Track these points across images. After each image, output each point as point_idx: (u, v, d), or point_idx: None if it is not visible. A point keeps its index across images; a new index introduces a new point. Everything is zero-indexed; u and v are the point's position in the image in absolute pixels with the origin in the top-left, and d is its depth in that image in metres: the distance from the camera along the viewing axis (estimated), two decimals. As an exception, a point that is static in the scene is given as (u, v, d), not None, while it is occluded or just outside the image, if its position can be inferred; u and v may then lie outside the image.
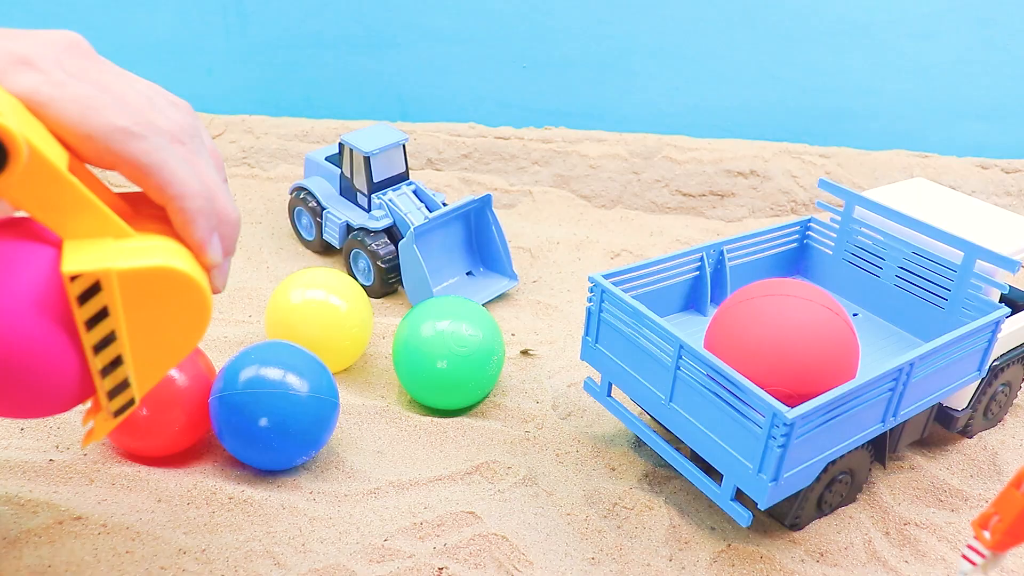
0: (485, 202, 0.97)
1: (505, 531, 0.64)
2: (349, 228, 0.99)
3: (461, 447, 0.73)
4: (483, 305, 0.92)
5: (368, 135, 0.99)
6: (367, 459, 0.71)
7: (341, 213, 0.99)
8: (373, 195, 0.98)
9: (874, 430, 0.63)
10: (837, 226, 0.81)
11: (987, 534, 0.48)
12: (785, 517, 0.64)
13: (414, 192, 0.99)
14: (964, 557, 0.51)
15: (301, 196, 1.03)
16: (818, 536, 0.65)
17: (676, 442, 0.72)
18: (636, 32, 1.32)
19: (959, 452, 0.75)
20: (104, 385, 0.40)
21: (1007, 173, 1.32)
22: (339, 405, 0.69)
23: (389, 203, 0.97)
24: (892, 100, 1.38)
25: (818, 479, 0.62)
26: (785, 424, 0.53)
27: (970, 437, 0.77)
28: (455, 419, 0.76)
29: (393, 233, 0.97)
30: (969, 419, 0.75)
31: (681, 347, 0.60)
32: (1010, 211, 0.78)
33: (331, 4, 1.34)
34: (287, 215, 1.11)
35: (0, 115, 0.33)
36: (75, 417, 0.72)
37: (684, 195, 1.26)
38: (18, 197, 0.36)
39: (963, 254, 0.70)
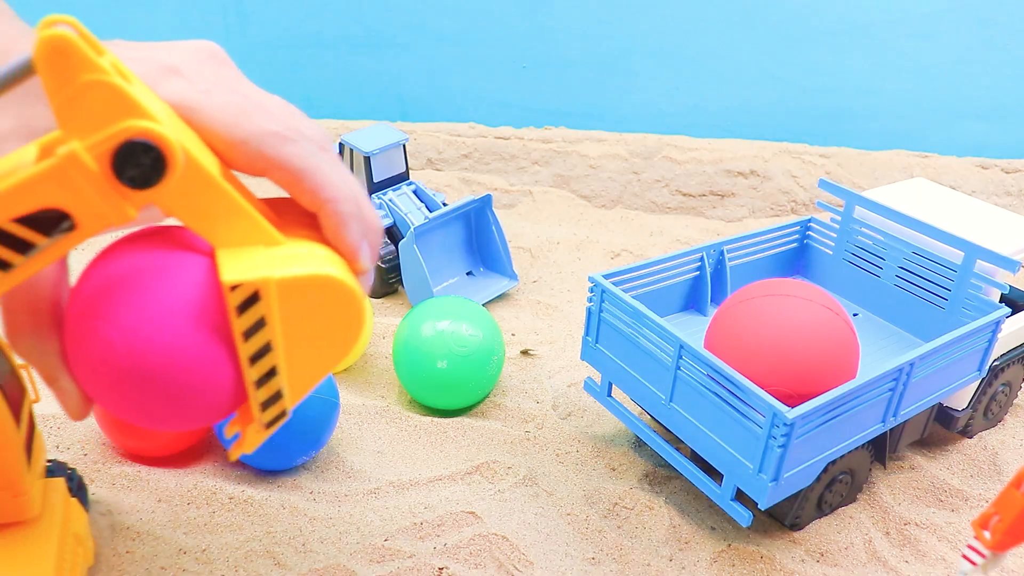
0: (485, 202, 0.97)
1: (505, 531, 0.64)
2: (349, 228, 0.99)
3: (461, 447, 0.73)
4: (483, 305, 0.92)
5: (368, 135, 0.99)
6: (367, 459, 0.71)
7: (341, 213, 0.99)
8: (373, 195, 0.98)
9: (874, 430, 0.63)
10: (837, 226, 0.81)
11: (987, 534, 0.49)
12: (785, 517, 0.64)
13: (414, 192, 0.99)
14: (964, 557, 0.51)
15: (301, 196, 1.03)
16: (818, 536, 0.65)
17: (676, 442, 0.72)
18: (636, 32, 1.32)
19: (959, 452, 0.75)
20: (258, 396, 0.39)
21: (1007, 173, 1.32)
22: (339, 405, 0.69)
23: (389, 203, 0.97)
24: (892, 100, 1.38)
25: (818, 479, 0.62)
26: (785, 424, 0.53)
27: (970, 437, 0.77)
28: (455, 419, 0.76)
29: (393, 233, 0.97)
30: (969, 419, 0.75)
31: (681, 347, 0.60)
32: (1010, 211, 0.78)
33: (331, 4, 1.34)
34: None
35: (158, 122, 0.33)
36: (75, 417, 0.72)
37: (684, 195, 1.26)
38: (173, 205, 0.36)
39: (963, 254, 0.70)
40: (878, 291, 0.78)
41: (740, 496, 0.61)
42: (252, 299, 0.36)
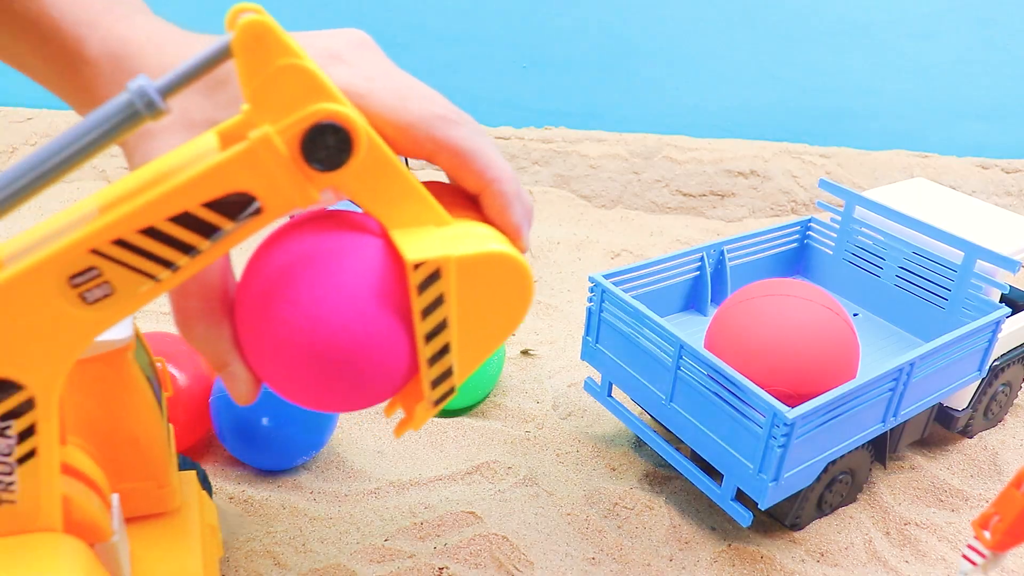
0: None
1: (505, 531, 0.64)
2: (349, 228, 0.99)
3: (461, 447, 0.73)
4: (483, 305, 0.92)
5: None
6: (367, 459, 0.71)
7: (341, 213, 0.99)
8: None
9: (874, 430, 0.63)
10: (837, 226, 0.81)
11: (987, 534, 0.49)
12: (785, 517, 0.64)
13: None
14: (964, 557, 0.51)
15: (301, 196, 1.03)
16: (818, 536, 0.65)
17: (676, 442, 0.72)
18: (636, 32, 1.32)
19: (959, 452, 0.75)
20: (430, 374, 0.40)
21: (1007, 173, 1.33)
22: None
23: (389, 203, 0.97)
24: (892, 100, 1.38)
25: (818, 479, 0.62)
26: (785, 424, 0.53)
27: (970, 437, 0.77)
28: (455, 419, 0.76)
29: (393, 233, 0.97)
30: (969, 419, 0.75)
31: (681, 347, 0.60)
32: (1010, 211, 0.78)
33: (330, 4, 1.34)
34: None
35: (346, 105, 0.34)
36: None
37: (684, 195, 1.26)
38: (353, 187, 0.36)
39: (963, 254, 0.70)
40: (878, 291, 0.78)
41: (740, 496, 0.61)
42: (433, 277, 0.37)
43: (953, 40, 1.34)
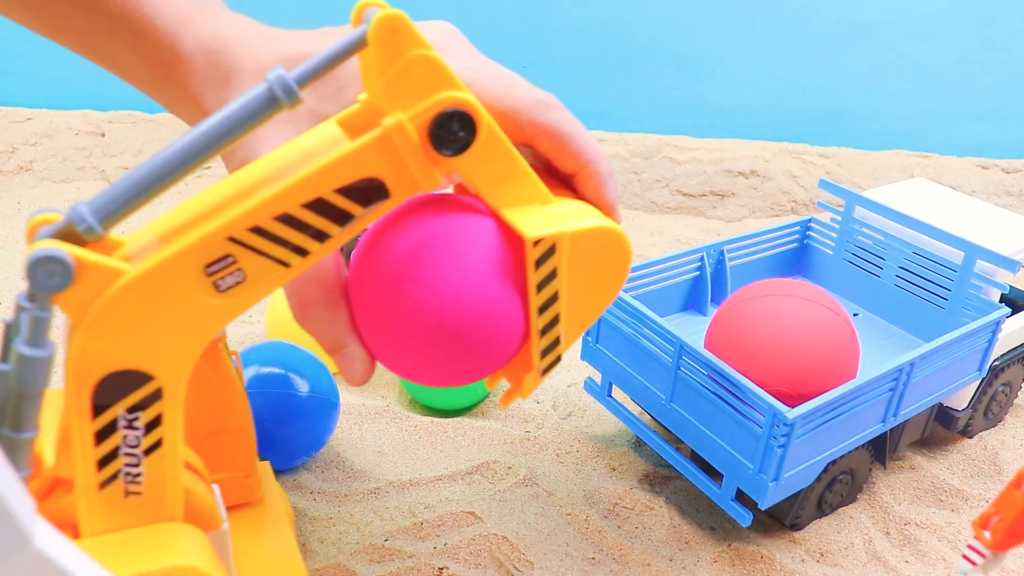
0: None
1: (505, 531, 0.64)
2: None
3: (461, 447, 0.73)
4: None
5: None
6: (367, 459, 0.71)
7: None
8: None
9: (874, 430, 0.63)
10: (837, 226, 0.81)
11: (987, 534, 0.49)
12: (785, 517, 0.64)
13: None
14: (964, 557, 0.51)
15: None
16: (818, 536, 0.65)
17: (676, 442, 0.72)
18: (636, 32, 1.32)
19: (959, 452, 0.75)
20: (540, 344, 0.42)
21: (1007, 173, 1.33)
22: (339, 405, 0.69)
23: (389, 203, 0.97)
24: (892, 100, 1.38)
25: (818, 479, 0.62)
26: (785, 424, 0.53)
27: (970, 437, 0.77)
28: (455, 419, 0.76)
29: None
30: (969, 419, 0.75)
31: (681, 347, 0.60)
32: (1010, 211, 0.78)
33: (331, 5, 1.34)
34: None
35: (469, 93, 0.36)
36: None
37: (684, 195, 1.26)
38: (471, 171, 0.38)
39: (963, 254, 0.70)
40: (878, 291, 0.78)
41: (740, 496, 0.61)
42: (549, 252, 0.39)
43: (953, 40, 1.34)
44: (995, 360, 0.72)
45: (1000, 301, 0.71)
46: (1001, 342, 0.71)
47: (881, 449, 0.68)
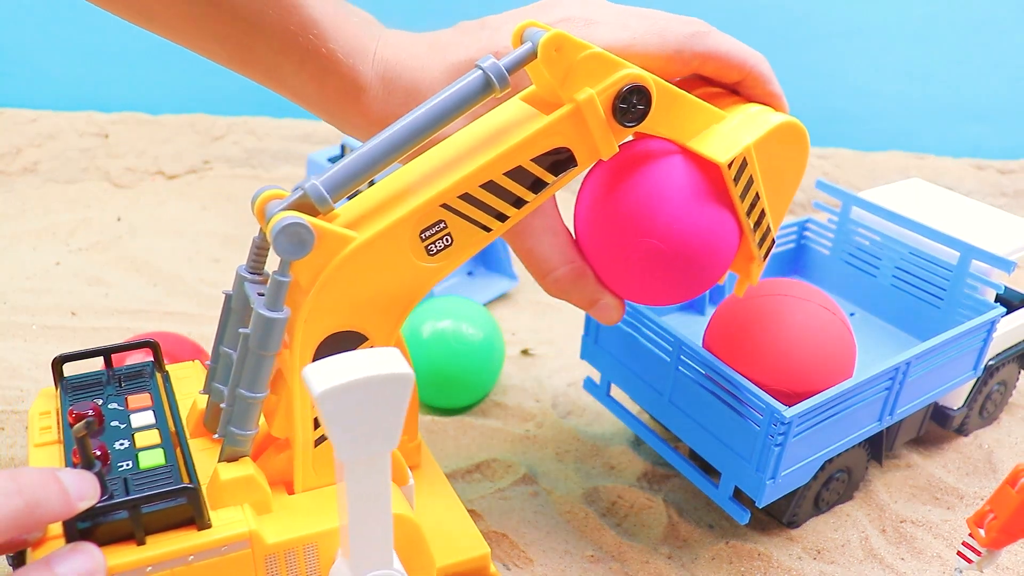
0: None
1: (505, 529, 0.64)
2: (350, 229, 0.99)
3: (461, 446, 0.74)
4: (483, 305, 0.93)
5: (369, 136, 1.00)
6: (369, 458, 0.71)
7: (342, 214, 1.00)
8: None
9: (871, 428, 0.64)
10: (834, 227, 0.81)
11: (982, 531, 0.49)
12: (783, 515, 0.65)
13: (415, 193, 1.00)
14: (960, 554, 0.51)
15: (302, 197, 1.04)
16: (815, 533, 0.66)
17: (675, 441, 0.73)
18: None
19: (955, 450, 0.76)
20: (755, 237, 0.50)
21: (1003, 174, 1.33)
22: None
23: (390, 204, 0.97)
24: (889, 101, 1.39)
25: (815, 477, 0.63)
26: (783, 423, 0.54)
27: (966, 435, 0.78)
28: (455, 418, 0.77)
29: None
30: (965, 417, 0.76)
31: (680, 346, 0.61)
32: (1006, 212, 0.79)
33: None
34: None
35: (637, 68, 0.43)
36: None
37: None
38: (652, 127, 0.45)
39: (959, 254, 0.71)
40: (875, 291, 0.79)
41: (738, 494, 0.61)
42: (743, 166, 0.46)
43: (949, 42, 1.35)
44: (990, 359, 0.73)
45: (995, 301, 0.72)
46: (996, 341, 0.71)
47: (877, 447, 0.69)
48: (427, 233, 0.41)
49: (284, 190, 0.40)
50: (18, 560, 0.45)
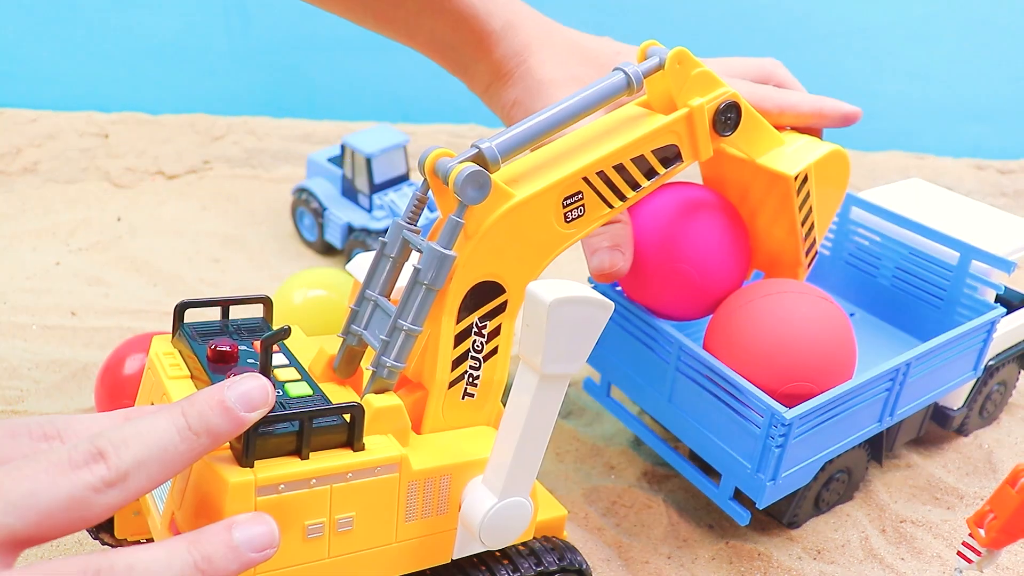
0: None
1: (506, 529, 0.64)
2: (351, 229, 1.00)
3: (462, 446, 0.74)
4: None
5: (369, 136, 1.00)
6: (369, 458, 0.72)
7: (343, 214, 1.00)
8: (374, 196, 0.99)
9: (871, 429, 0.64)
10: (834, 227, 0.81)
11: (982, 531, 0.49)
12: (783, 516, 0.65)
13: (415, 193, 1.00)
14: (960, 554, 0.51)
15: (303, 197, 1.04)
16: (815, 534, 0.66)
17: (675, 441, 0.73)
18: (635, 33, 1.33)
19: (955, 450, 0.76)
20: (804, 246, 0.62)
21: (1003, 174, 1.33)
22: None
23: (391, 204, 0.97)
24: (889, 101, 1.39)
25: (815, 478, 0.63)
26: (783, 424, 0.54)
27: (966, 435, 0.78)
28: (456, 418, 0.77)
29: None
30: (965, 418, 0.76)
31: (680, 348, 0.61)
32: (1006, 212, 0.79)
33: (332, 6, 1.34)
34: (289, 216, 1.12)
35: (728, 87, 0.53)
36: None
37: (683, 196, 1.27)
38: (736, 143, 0.56)
39: (959, 255, 0.71)
40: (875, 291, 0.79)
41: (738, 495, 0.61)
42: (804, 180, 0.58)
43: (949, 42, 1.35)
44: (990, 359, 0.73)
45: (995, 301, 0.72)
46: (996, 342, 0.71)
47: (878, 448, 0.69)
48: (568, 201, 0.48)
49: (451, 151, 0.45)
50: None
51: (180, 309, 0.49)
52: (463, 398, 0.48)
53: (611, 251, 0.55)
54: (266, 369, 0.40)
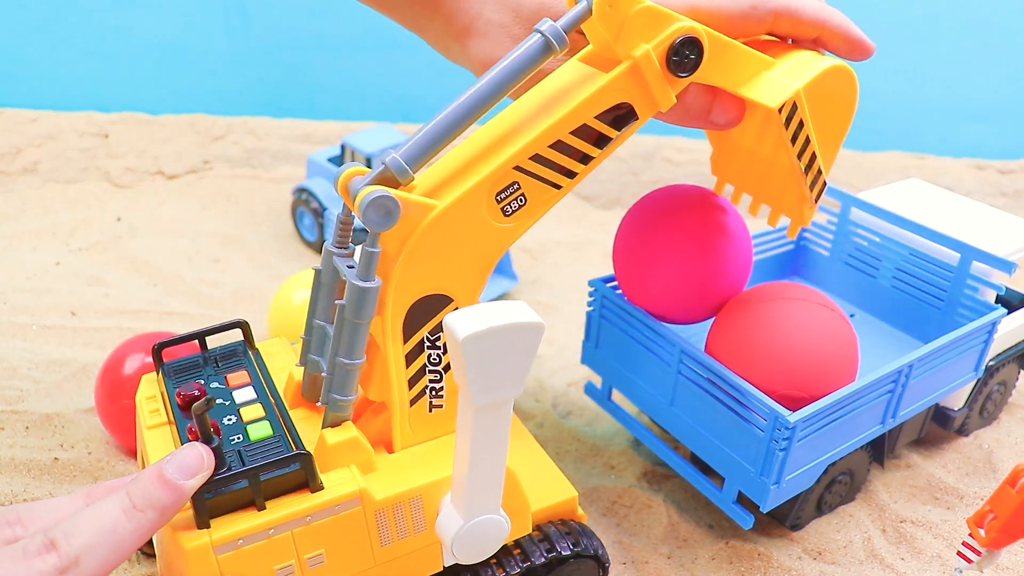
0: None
1: (507, 529, 0.64)
2: (350, 229, 0.99)
3: (463, 446, 0.74)
4: (484, 305, 0.92)
5: (370, 136, 1.00)
6: (370, 458, 0.72)
7: (342, 214, 1.00)
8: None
9: (874, 431, 0.64)
10: (834, 228, 0.81)
11: (982, 531, 0.49)
12: (786, 519, 0.65)
13: (415, 193, 1.00)
14: (960, 554, 0.51)
15: (303, 197, 1.04)
16: (816, 534, 0.66)
17: (675, 443, 0.72)
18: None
19: (955, 451, 0.76)
20: (807, 179, 0.52)
21: (1003, 174, 1.33)
22: None
23: (390, 204, 0.97)
24: (888, 101, 1.39)
25: (818, 480, 0.63)
26: (787, 427, 0.54)
27: (966, 436, 0.78)
28: (457, 419, 0.77)
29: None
30: (965, 418, 0.76)
31: (682, 351, 0.61)
32: (1006, 212, 0.79)
33: (333, 6, 1.35)
34: (289, 216, 1.12)
35: (689, 21, 0.44)
36: (77, 416, 0.73)
37: (683, 196, 1.27)
38: (706, 76, 0.46)
39: (959, 255, 0.71)
40: (874, 292, 0.79)
41: (741, 497, 0.61)
42: (792, 110, 0.47)
43: (949, 42, 1.35)
44: (990, 360, 0.73)
45: (995, 301, 0.72)
46: (996, 342, 0.72)
47: (880, 449, 0.69)
48: (502, 195, 0.44)
49: (365, 167, 0.43)
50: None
51: (157, 349, 0.50)
52: (431, 411, 0.47)
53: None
54: (206, 435, 0.40)
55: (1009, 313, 0.72)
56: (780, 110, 0.47)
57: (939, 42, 1.34)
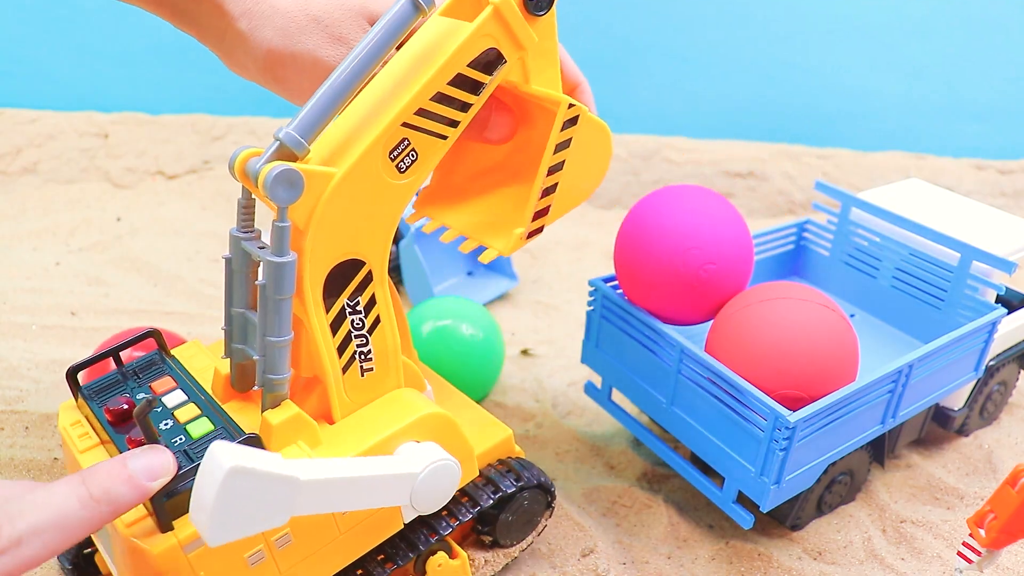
0: (486, 203, 0.98)
1: (507, 529, 0.64)
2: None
3: (463, 446, 0.74)
4: (483, 305, 0.93)
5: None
6: (370, 458, 0.72)
7: (342, 214, 1.00)
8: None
9: (874, 431, 0.64)
10: (834, 228, 0.81)
11: (982, 531, 0.49)
12: (786, 519, 0.65)
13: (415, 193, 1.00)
14: (960, 554, 0.51)
15: (302, 197, 1.04)
16: (816, 534, 0.66)
17: (675, 443, 0.72)
18: (635, 33, 1.33)
19: (955, 451, 0.76)
20: (537, 205, 0.51)
21: (1003, 174, 1.33)
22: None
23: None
24: (889, 101, 1.39)
25: (818, 480, 0.63)
26: (787, 427, 0.54)
27: (966, 436, 0.78)
28: (457, 419, 0.77)
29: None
30: (965, 418, 0.76)
31: (682, 351, 0.61)
32: (1006, 212, 0.79)
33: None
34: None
35: None
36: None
37: (683, 196, 1.27)
38: (528, 56, 0.48)
39: (959, 255, 0.71)
40: (875, 292, 0.79)
41: (741, 497, 0.61)
42: (573, 120, 0.50)
43: (949, 41, 1.35)
44: (991, 360, 0.73)
45: (995, 301, 0.72)
46: (996, 342, 0.71)
47: (880, 449, 0.69)
48: (395, 153, 0.45)
49: (259, 149, 0.43)
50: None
51: (71, 374, 0.49)
52: (363, 376, 0.48)
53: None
54: (152, 438, 0.41)
55: (1009, 313, 0.72)
56: (570, 107, 0.49)
57: (939, 42, 1.34)
